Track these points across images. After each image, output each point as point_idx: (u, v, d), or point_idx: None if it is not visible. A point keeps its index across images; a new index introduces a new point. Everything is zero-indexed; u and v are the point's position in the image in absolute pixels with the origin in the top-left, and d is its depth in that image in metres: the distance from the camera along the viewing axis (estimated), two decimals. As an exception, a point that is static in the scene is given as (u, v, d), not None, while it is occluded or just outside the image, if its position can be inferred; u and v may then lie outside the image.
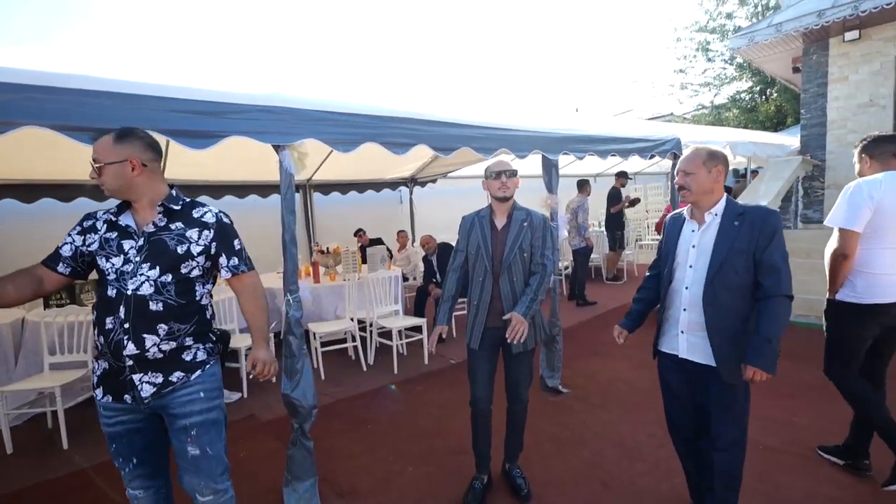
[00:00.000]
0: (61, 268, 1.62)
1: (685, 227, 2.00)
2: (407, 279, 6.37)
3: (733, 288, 1.83)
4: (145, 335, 1.54)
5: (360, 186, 7.60)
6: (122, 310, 1.52)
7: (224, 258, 1.71)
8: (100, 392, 1.61)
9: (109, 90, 1.93)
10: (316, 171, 6.49)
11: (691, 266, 1.92)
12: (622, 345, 2.20)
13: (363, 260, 5.59)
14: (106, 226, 1.61)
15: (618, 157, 4.20)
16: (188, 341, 1.63)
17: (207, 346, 1.71)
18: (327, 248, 5.74)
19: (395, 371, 4.35)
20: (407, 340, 4.82)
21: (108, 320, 1.53)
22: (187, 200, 1.70)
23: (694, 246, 1.93)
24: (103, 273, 1.57)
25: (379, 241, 6.89)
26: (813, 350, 2.85)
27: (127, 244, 1.57)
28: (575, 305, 6.56)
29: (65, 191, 4.84)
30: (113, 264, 1.56)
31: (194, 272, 1.64)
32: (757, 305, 1.82)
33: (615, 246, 7.68)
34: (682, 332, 1.96)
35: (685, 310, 1.94)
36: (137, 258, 1.56)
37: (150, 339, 1.55)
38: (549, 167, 3.70)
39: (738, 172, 10.66)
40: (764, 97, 15.43)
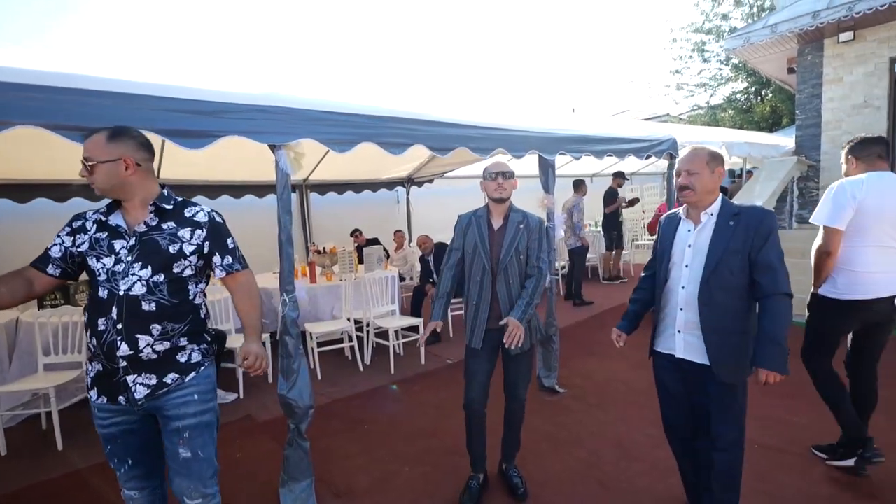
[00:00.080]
0: (51, 269, 1.61)
1: (681, 226, 2.00)
2: (404, 279, 6.37)
3: (729, 288, 1.83)
4: (139, 336, 1.53)
5: (357, 186, 7.59)
6: (115, 310, 1.51)
7: (218, 257, 1.70)
8: (94, 393, 1.60)
9: (104, 89, 1.92)
10: (312, 170, 6.47)
11: (687, 266, 1.93)
12: (620, 347, 2.21)
13: (360, 260, 5.59)
14: (96, 226, 1.60)
15: (614, 158, 4.20)
16: (182, 341, 1.62)
17: (202, 347, 1.70)
18: (324, 248, 5.73)
19: (392, 371, 4.34)
20: (403, 340, 4.81)
21: (101, 321, 1.52)
22: (179, 200, 1.69)
23: (690, 246, 1.93)
24: (94, 274, 1.55)
25: (376, 241, 6.88)
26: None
27: (118, 244, 1.56)
28: (572, 305, 6.57)
29: (59, 191, 4.81)
30: (104, 265, 1.54)
31: (187, 271, 1.63)
32: (759, 306, 1.83)
33: (612, 246, 7.70)
34: (679, 332, 1.96)
35: (681, 309, 1.94)
36: (129, 258, 1.55)
37: (144, 340, 1.54)
38: (546, 167, 3.70)
39: (734, 173, 10.69)
40: (759, 98, 15.50)
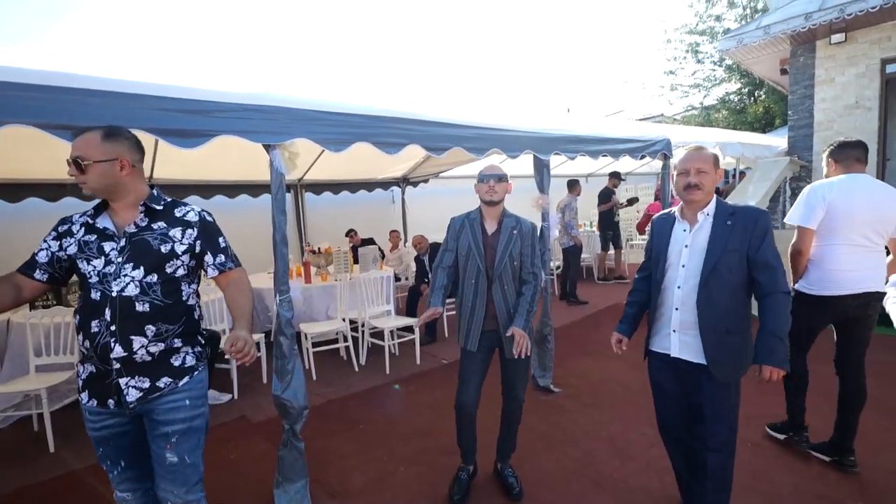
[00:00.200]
0: (38, 274, 1.59)
1: (676, 227, 2.00)
2: (399, 279, 6.37)
3: (727, 287, 1.85)
4: (133, 337, 1.52)
5: (352, 186, 7.58)
6: (108, 312, 1.50)
7: (210, 256, 1.69)
8: (85, 396, 1.59)
9: (97, 88, 1.91)
10: (307, 170, 6.46)
11: (684, 266, 1.93)
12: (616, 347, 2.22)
13: (355, 260, 5.58)
14: (83, 229, 1.58)
15: (609, 158, 4.22)
16: (177, 343, 1.61)
17: (196, 350, 1.69)
18: (319, 248, 5.72)
19: (387, 371, 4.33)
20: (399, 341, 4.81)
21: (94, 323, 1.51)
22: (169, 200, 1.68)
23: (687, 246, 1.93)
24: (85, 276, 1.54)
25: (371, 241, 6.87)
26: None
27: (107, 246, 1.55)
28: (566, 304, 6.60)
29: (51, 190, 4.77)
30: (94, 267, 1.53)
31: (179, 271, 1.63)
32: (759, 304, 1.85)
33: (607, 246, 7.72)
34: (674, 331, 1.97)
35: (677, 309, 1.95)
36: (119, 259, 1.53)
37: (138, 341, 1.53)
38: (541, 167, 3.71)
39: (728, 174, 10.73)
40: (752, 99, 15.59)
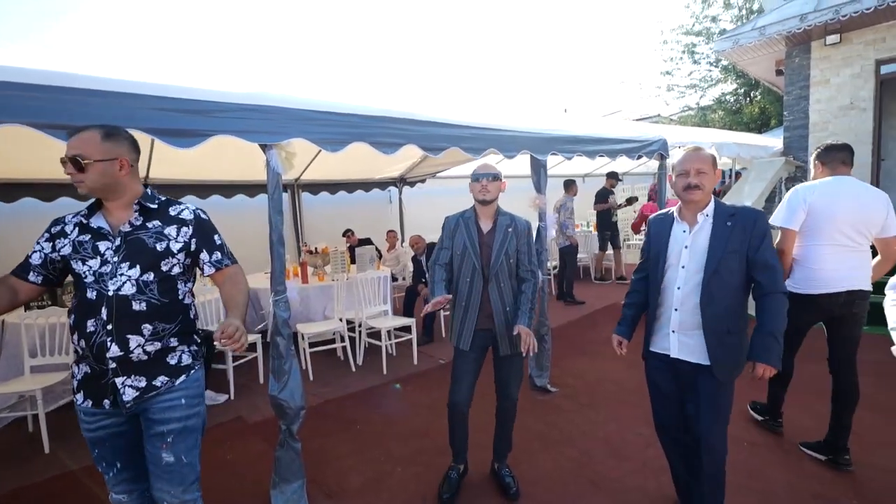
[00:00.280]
0: (32, 277, 1.59)
1: (675, 227, 1.99)
2: (396, 279, 6.36)
3: (728, 288, 1.85)
4: (129, 336, 1.52)
5: (349, 186, 7.57)
6: (105, 311, 1.50)
7: (206, 254, 1.69)
8: (80, 397, 1.58)
9: (93, 88, 1.90)
10: (304, 170, 6.45)
11: (684, 267, 1.93)
12: (613, 346, 2.22)
13: (352, 260, 5.57)
14: (77, 229, 1.58)
15: (606, 158, 4.23)
16: (173, 342, 1.61)
17: (192, 349, 1.69)
18: (316, 248, 5.71)
19: (385, 371, 4.33)
20: (396, 341, 4.81)
21: (90, 323, 1.50)
22: (163, 199, 1.68)
23: (687, 247, 1.93)
24: (80, 276, 1.54)
25: (368, 241, 6.86)
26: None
27: (102, 245, 1.55)
28: (563, 304, 6.61)
29: (46, 190, 4.74)
30: (90, 267, 1.53)
31: (175, 269, 1.63)
32: (757, 303, 1.86)
33: (605, 246, 7.74)
34: (673, 332, 1.97)
35: (676, 310, 1.95)
36: (115, 258, 1.53)
37: (135, 340, 1.52)
38: (538, 167, 3.71)
39: (725, 174, 10.77)
40: (748, 99, 15.66)
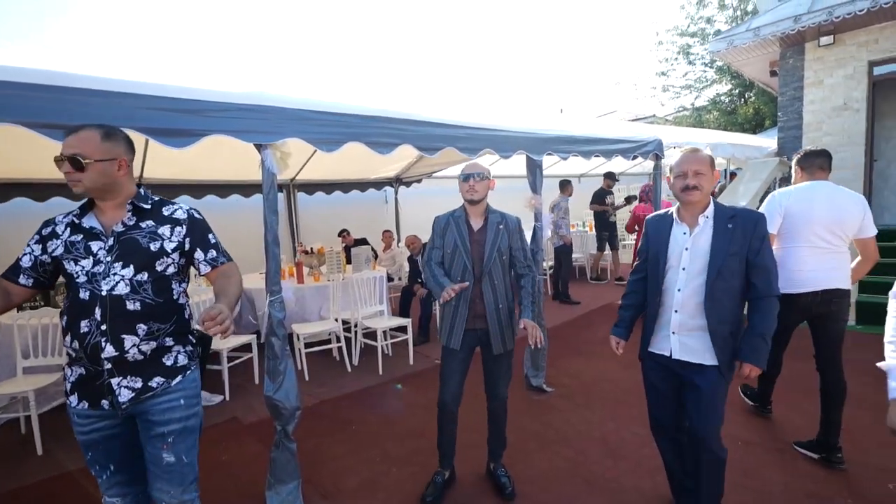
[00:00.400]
0: (23, 279, 1.58)
1: (675, 228, 1.98)
2: (392, 279, 6.35)
3: (730, 290, 1.86)
4: (124, 336, 1.50)
5: (345, 186, 7.55)
6: (98, 311, 1.48)
7: (200, 252, 1.69)
8: (74, 399, 1.56)
9: (88, 87, 1.89)
10: (300, 170, 6.42)
11: (684, 269, 1.92)
12: (609, 346, 2.23)
13: (348, 260, 5.56)
14: (69, 229, 1.57)
15: (601, 158, 4.24)
16: (168, 342, 1.60)
17: (188, 349, 1.68)
18: (311, 248, 5.70)
19: (380, 372, 4.32)
20: (392, 341, 4.80)
21: (84, 323, 1.49)
22: (156, 199, 1.68)
23: (687, 248, 1.92)
24: (72, 277, 1.53)
25: (364, 242, 6.85)
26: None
27: (95, 245, 1.54)
28: (559, 304, 6.62)
29: (38, 190, 4.70)
30: (82, 267, 1.52)
31: (169, 269, 1.62)
32: (750, 305, 1.87)
33: (604, 247, 7.76)
34: (674, 333, 1.96)
35: (676, 311, 1.94)
36: (108, 258, 1.52)
37: (130, 340, 1.51)
38: (534, 167, 3.72)
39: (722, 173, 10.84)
40: (743, 100, 15.73)
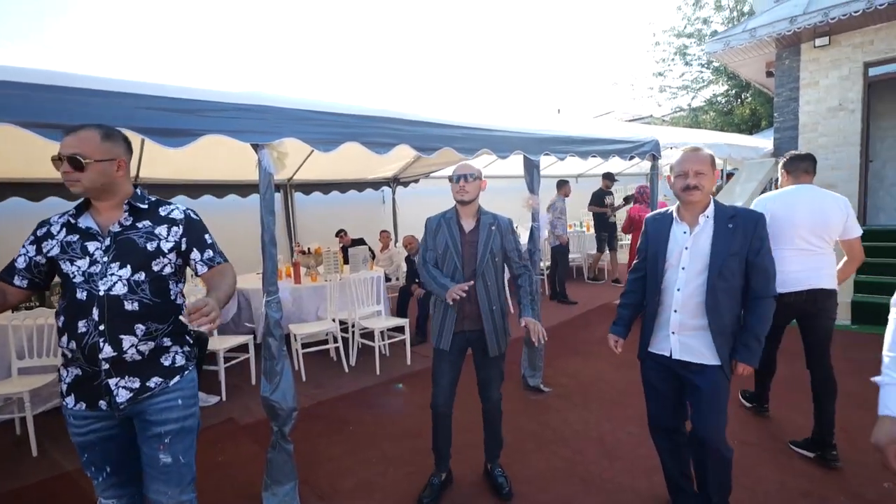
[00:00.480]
0: (17, 281, 1.57)
1: (674, 228, 1.98)
2: (389, 279, 6.35)
3: (730, 290, 1.86)
4: (122, 336, 1.50)
5: (342, 186, 7.54)
6: (96, 311, 1.48)
7: (197, 252, 1.68)
8: (71, 400, 1.55)
9: (84, 87, 1.88)
10: (297, 170, 6.42)
11: (684, 268, 1.92)
12: (606, 346, 2.23)
13: (345, 260, 5.55)
14: (65, 230, 1.56)
15: (598, 158, 4.25)
16: (166, 342, 1.60)
17: (185, 350, 1.67)
18: (309, 248, 5.68)
19: (378, 372, 4.32)
20: (389, 341, 4.80)
21: (81, 323, 1.48)
22: (153, 199, 1.68)
23: (687, 248, 1.92)
24: (68, 277, 1.52)
25: (361, 242, 6.84)
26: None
27: (91, 246, 1.53)
28: (556, 304, 6.63)
29: (34, 190, 4.69)
30: (79, 267, 1.51)
31: (166, 269, 1.62)
32: (746, 305, 1.88)
33: (603, 248, 7.77)
34: (673, 333, 1.96)
35: (676, 311, 1.94)
36: (105, 258, 1.52)
37: (128, 340, 1.51)
38: (531, 167, 3.72)
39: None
40: (739, 101, 15.78)
